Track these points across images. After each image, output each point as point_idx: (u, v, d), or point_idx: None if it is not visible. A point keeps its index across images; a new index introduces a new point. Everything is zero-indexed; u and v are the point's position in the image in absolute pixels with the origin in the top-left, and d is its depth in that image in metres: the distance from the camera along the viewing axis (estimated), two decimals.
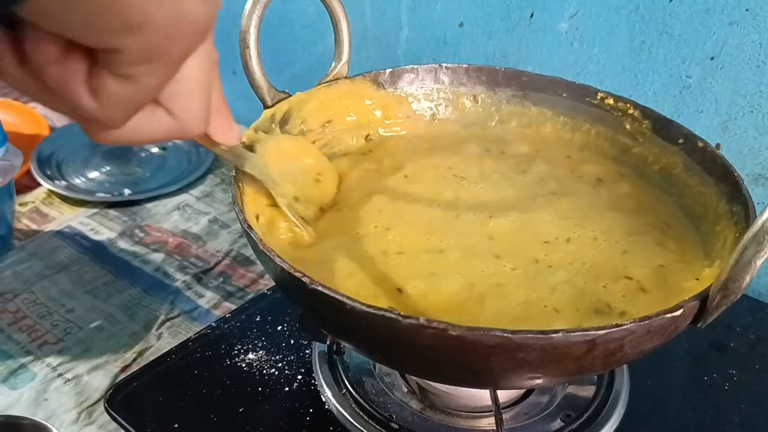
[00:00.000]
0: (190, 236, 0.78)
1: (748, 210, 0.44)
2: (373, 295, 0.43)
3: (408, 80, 0.61)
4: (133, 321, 0.65)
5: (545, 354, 0.35)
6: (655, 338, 0.37)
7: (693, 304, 0.37)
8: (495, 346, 0.34)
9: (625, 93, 0.58)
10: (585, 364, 0.36)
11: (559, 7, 0.69)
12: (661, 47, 0.65)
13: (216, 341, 0.58)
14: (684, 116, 0.65)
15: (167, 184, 0.85)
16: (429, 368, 0.42)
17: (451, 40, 0.79)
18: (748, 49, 0.60)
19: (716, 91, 0.63)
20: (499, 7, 0.73)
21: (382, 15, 0.83)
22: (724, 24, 0.60)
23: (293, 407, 0.52)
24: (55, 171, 0.87)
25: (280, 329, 0.59)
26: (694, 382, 0.56)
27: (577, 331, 0.34)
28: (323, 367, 0.54)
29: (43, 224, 0.79)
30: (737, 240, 0.43)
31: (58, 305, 0.67)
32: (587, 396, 0.52)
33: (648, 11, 0.64)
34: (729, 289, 0.36)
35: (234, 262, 0.74)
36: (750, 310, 0.63)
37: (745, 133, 0.63)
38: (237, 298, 0.68)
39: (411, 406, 0.51)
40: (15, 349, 0.62)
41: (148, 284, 0.70)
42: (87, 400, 0.57)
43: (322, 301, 0.36)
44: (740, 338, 0.60)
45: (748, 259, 0.35)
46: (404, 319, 0.34)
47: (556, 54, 0.72)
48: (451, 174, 0.56)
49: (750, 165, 0.64)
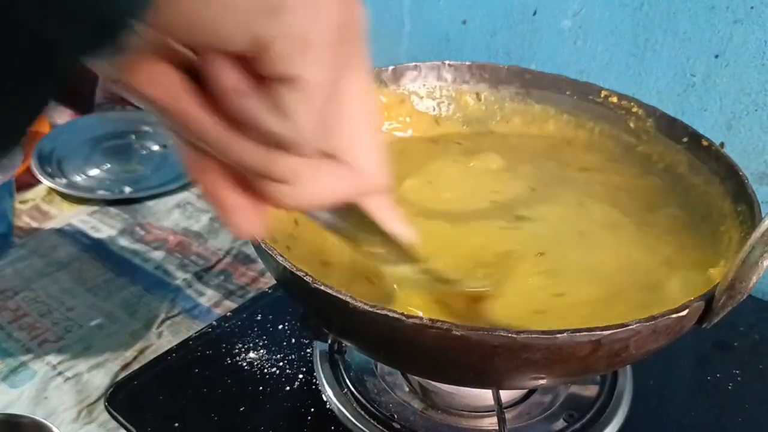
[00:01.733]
0: (190, 234, 0.77)
1: (754, 209, 0.44)
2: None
3: (411, 77, 0.61)
4: (134, 319, 0.65)
5: (550, 354, 0.35)
6: (660, 338, 0.37)
7: (698, 304, 0.37)
8: (499, 346, 0.34)
9: (628, 91, 0.57)
10: (590, 364, 0.36)
11: (562, 5, 0.69)
12: (665, 45, 0.64)
13: (217, 340, 0.58)
14: (688, 115, 0.65)
15: (168, 182, 0.85)
16: (432, 368, 0.42)
17: (454, 37, 0.79)
18: (753, 47, 0.60)
19: (721, 89, 0.63)
20: (502, 5, 0.73)
21: (384, 12, 0.83)
22: (729, 22, 0.60)
23: (294, 406, 0.52)
24: (56, 168, 0.86)
25: (281, 328, 0.59)
26: (697, 382, 0.56)
27: (582, 332, 0.34)
28: (324, 366, 0.54)
29: (43, 222, 0.78)
30: (743, 240, 0.43)
31: (59, 303, 0.67)
32: (590, 396, 0.52)
33: (652, 9, 0.64)
34: (735, 290, 0.36)
35: (235, 260, 0.74)
36: (754, 310, 0.62)
37: (749, 131, 0.63)
38: (238, 297, 0.68)
39: (413, 406, 0.51)
40: (15, 347, 0.62)
41: (149, 282, 0.70)
42: (87, 399, 0.57)
43: (325, 300, 0.36)
44: (744, 338, 0.60)
45: (755, 260, 0.35)
46: (407, 319, 0.34)
47: (559, 52, 0.71)
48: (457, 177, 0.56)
49: (755, 163, 0.63)
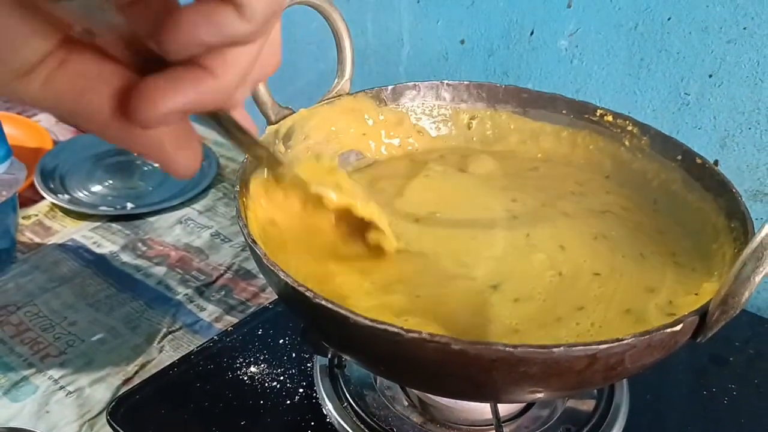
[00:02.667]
0: (192, 250, 0.78)
1: (747, 226, 0.45)
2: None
3: (410, 97, 0.62)
4: (135, 334, 0.66)
5: (547, 368, 0.35)
6: (655, 352, 0.37)
7: (693, 319, 0.37)
8: (497, 360, 0.34)
9: (624, 110, 0.58)
10: (586, 378, 0.37)
11: (559, 25, 0.70)
12: (659, 65, 0.65)
13: (218, 354, 0.58)
14: (683, 133, 0.66)
15: (169, 198, 0.85)
16: (431, 382, 0.42)
17: (452, 57, 0.80)
18: (746, 66, 0.61)
19: (714, 108, 0.64)
20: (500, 25, 0.74)
21: (383, 31, 0.84)
22: (722, 42, 0.61)
23: (295, 420, 0.53)
24: (59, 184, 0.87)
25: (281, 342, 0.60)
26: (693, 396, 0.56)
27: (579, 346, 0.34)
28: (324, 381, 0.54)
29: (46, 237, 0.79)
30: (736, 255, 0.44)
31: (61, 318, 0.67)
32: (587, 410, 0.52)
33: (647, 29, 0.65)
34: (728, 304, 0.37)
35: (236, 275, 0.74)
36: (749, 325, 0.63)
37: (743, 149, 0.64)
38: (238, 312, 0.69)
39: (412, 420, 0.52)
40: (17, 361, 0.62)
41: (150, 297, 0.70)
42: (89, 413, 0.57)
43: (326, 315, 0.37)
44: (739, 353, 0.60)
45: (747, 275, 0.35)
46: (407, 333, 0.34)
47: (555, 71, 0.72)
48: (454, 193, 0.56)
49: (748, 181, 0.64)
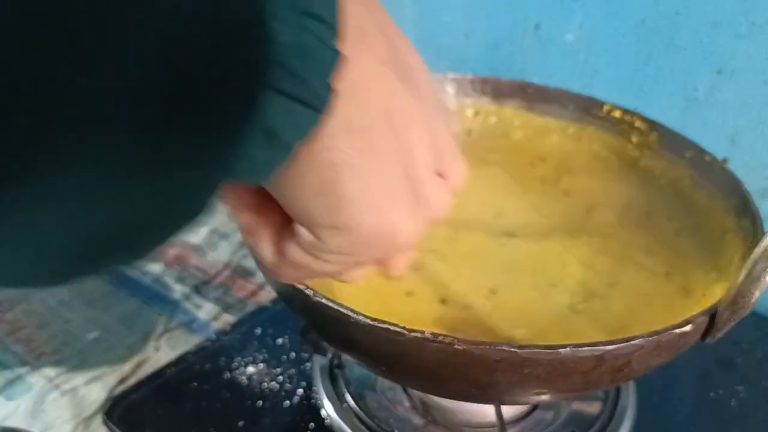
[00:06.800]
0: (189, 247, 0.77)
1: (756, 225, 0.44)
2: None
3: None
4: (132, 332, 0.65)
5: (552, 369, 0.34)
6: (663, 354, 0.36)
7: (702, 319, 0.36)
8: (501, 361, 0.34)
9: (631, 105, 0.57)
10: (592, 379, 0.36)
11: (565, 19, 0.69)
12: (667, 60, 0.64)
13: (216, 354, 0.57)
14: (691, 129, 0.64)
15: None
16: (433, 383, 0.41)
17: (457, 50, 0.79)
18: (756, 62, 0.60)
19: (723, 104, 0.63)
20: (505, 18, 0.73)
21: None
22: (731, 37, 0.60)
23: (293, 421, 0.52)
24: None
25: (280, 342, 0.59)
26: (700, 399, 0.55)
27: (585, 346, 0.34)
28: (324, 381, 0.54)
29: None
30: (746, 255, 0.43)
31: (56, 316, 0.66)
32: (593, 412, 0.52)
33: (655, 24, 0.64)
34: (738, 304, 0.36)
35: (234, 273, 0.73)
36: (757, 327, 0.62)
37: (752, 147, 0.63)
38: (236, 310, 0.68)
39: (413, 422, 0.51)
40: (12, 359, 0.61)
41: (147, 295, 0.69)
42: (84, 412, 0.56)
43: (326, 313, 0.36)
44: (747, 355, 0.59)
45: (758, 274, 0.35)
46: (409, 333, 0.34)
47: (561, 66, 0.71)
48: None
49: (758, 179, 0.63)
